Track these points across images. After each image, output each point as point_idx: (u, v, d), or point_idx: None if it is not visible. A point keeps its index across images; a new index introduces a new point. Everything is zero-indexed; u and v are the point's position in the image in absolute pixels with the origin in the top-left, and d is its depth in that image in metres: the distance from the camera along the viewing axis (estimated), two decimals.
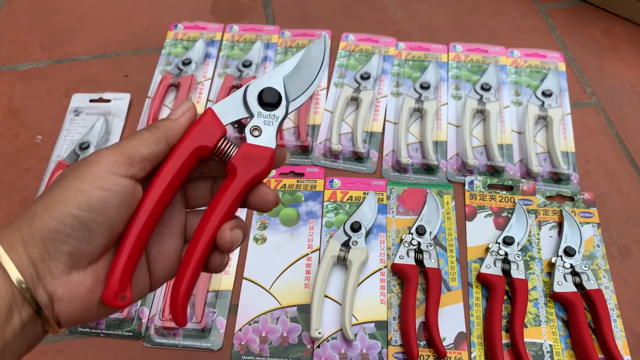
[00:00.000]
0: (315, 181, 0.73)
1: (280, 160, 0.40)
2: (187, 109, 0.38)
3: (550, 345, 0.61)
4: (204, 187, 0.41)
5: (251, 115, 0.39)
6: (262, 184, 0.39)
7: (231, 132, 0.41)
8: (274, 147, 0.39)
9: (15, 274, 0.31)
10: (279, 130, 0.40)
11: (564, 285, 0.63)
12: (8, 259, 0.31)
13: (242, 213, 0.70)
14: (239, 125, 0.40)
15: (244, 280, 0.65)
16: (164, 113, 0.79)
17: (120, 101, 0.81)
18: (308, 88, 0.40)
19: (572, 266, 0.64)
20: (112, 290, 0.34)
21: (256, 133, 0.39)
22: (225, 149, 0.38)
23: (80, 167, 0.34)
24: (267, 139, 0.39)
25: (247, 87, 0.39)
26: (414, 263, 0.64)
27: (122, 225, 0.35)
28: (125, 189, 0.34)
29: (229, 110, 0.39)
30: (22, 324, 0.31)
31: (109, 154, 0.34)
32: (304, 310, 0.63)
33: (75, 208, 0.32)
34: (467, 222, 0.70)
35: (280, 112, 0.39)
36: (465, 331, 0.62)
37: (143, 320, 0.62)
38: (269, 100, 0.39)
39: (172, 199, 0.38)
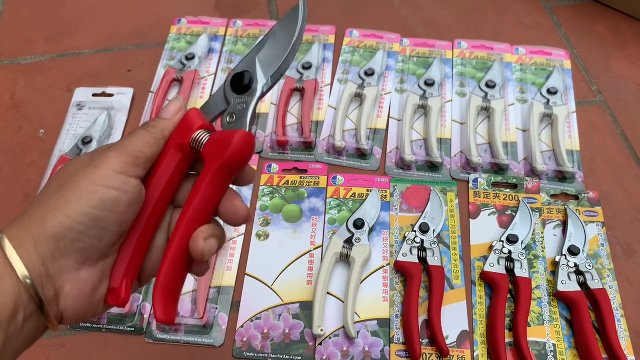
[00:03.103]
0: (319, 178, 0.72)
1: (249, 177, 0.39)
2: (180, 107, 0.39)
3: (554, 345, 0.60)
4: (189, 185, 0.41)
5: (229, 104, 0.39)
6: (237, 196, 0.38)
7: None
8: (246, 129, 0.37)
9: (22, 271, 0.31)
10: (254, 113, 0.39)
11: (568, 285, 0.62)
12: (17, 258, 0.32)
13: None
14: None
15: (246, 276, 0.65)
16: None
17: (123, 96, 0.80)
18: (283, 62, 0.39)
19: (576, 265, 0.63)
20: (114, 289, 0.36)
21: (229, 119, 0.38)
22: (198, 138, 0.37)
23: (89, 168, 0.34)
24: (239, 123, 0.38)
25: (226, 78, 0.39)
26: (417, 261, 0.64)
27: (129, 224, 0.36)
28: (133, 188, 0.35)
29: (212, 106, 0.39)
30: (23, 320, 0.32)
31: (116, 155, 0.35)
32: (306, 307, 0.63)
33: (89, 207, 0.33)
34: (470, 220, 0.69)
35: (251, 94, 0.39)
36: (468, 330, 0.61)
37: (145, 316, 0.62)
38: (238, 85, 0.39)
39: (171, 199, 0.38)
